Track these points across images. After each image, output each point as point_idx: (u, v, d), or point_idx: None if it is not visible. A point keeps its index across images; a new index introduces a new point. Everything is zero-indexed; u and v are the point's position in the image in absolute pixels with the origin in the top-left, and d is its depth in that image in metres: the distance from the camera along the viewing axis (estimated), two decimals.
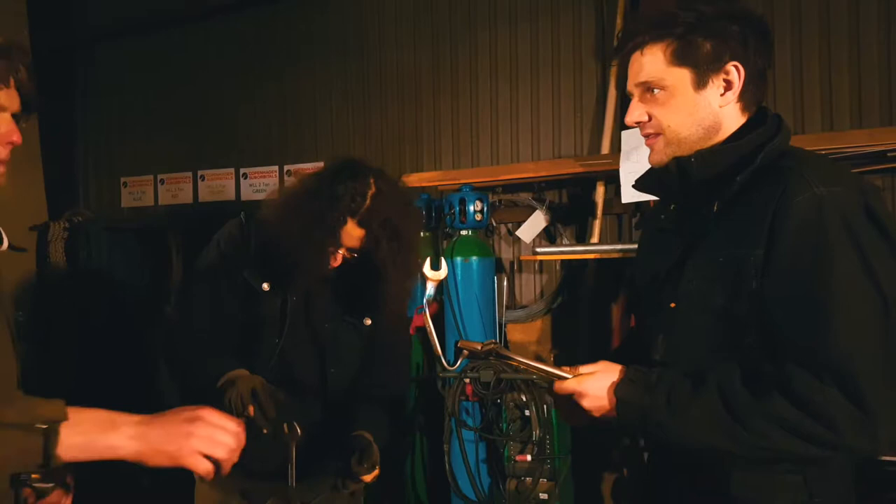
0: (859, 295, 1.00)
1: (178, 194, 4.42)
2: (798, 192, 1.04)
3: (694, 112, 1.15)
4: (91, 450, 0.95)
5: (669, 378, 1.10)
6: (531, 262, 3.54)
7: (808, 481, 1.08)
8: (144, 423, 0.98)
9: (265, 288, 1.68)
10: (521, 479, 2.61)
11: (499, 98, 3.64)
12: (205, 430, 0.98)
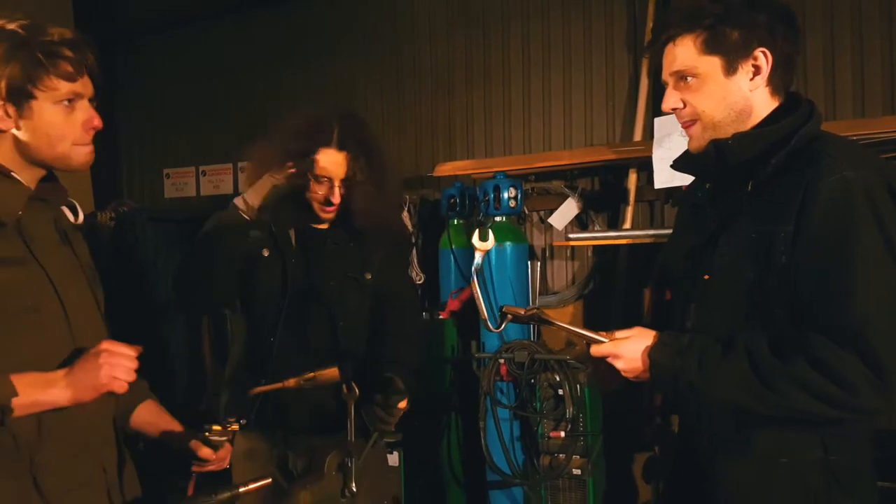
0: (881, 270, 1.08)
1: (220, 185, 4.55)
2: (827, 173, 1.12)
3: (726, 96, 1.22)
4: (37, 406, 1.13)
5: (701, 342, 1.17)
6: (563, 248, 3.59)
7: (825, 440, 1.15)
8: (69, 374, 1.15)
9: (265, 254, 1.80)
10: (555, 455, 2.68)
11: (531, 87, 3.69)
12: (109, 358, 1.15)
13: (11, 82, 1.17)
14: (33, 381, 1.11)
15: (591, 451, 2.65)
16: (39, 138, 1.21)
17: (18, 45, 1.17)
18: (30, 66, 1.17)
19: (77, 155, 1.25)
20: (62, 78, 1.20)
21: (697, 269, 1.26)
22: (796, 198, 1.13)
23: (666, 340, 1.20)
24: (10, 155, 1.21)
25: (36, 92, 1.18)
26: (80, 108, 1.24)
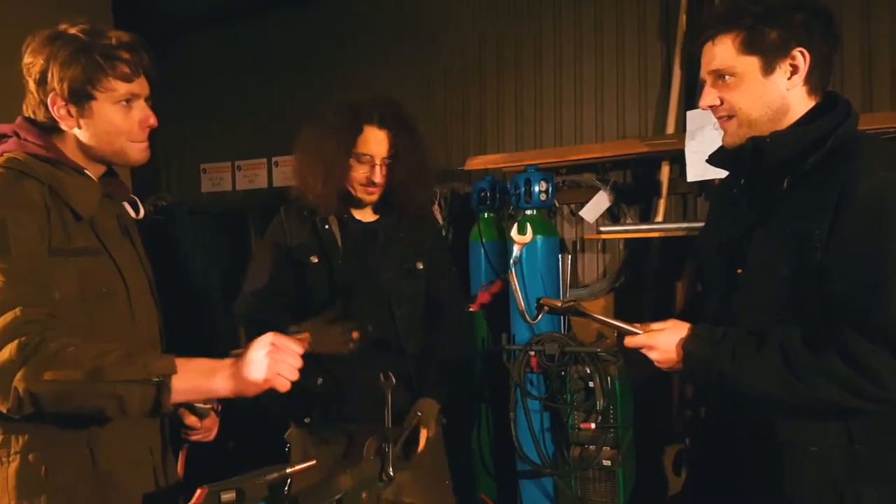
0: None
1: (255, 179, 4.65)
2: (864, 174, 1.14)
3: (763, 95, 1.25)
4: (196, 393, 1.18)
5: (734, 334, 1.20)
6: (594, 241, 3.59)
7: (850, 428, 1.18)
8: (234, 365, 1.17)
9: (314, 261, 1.84)
10: (585, 446, 2.70)
11: (563, 79, 3.69)
12: (276, 354, 1.17)
13: (73, 84, 1.25)
14: (199, 367, 1.15)
15: (622, 443, 2.67)
16: (99, 136, 1.29)
17: (79, 49, 1.25)
18: (90, 68, 1.25)
19: (133, 151, 1.33)
20: (120, 79, 1.27)
21: (731, 263, 1.28)
22: (832, 196, 1.15)
23: (700, 333, 1.22)
24: (75, 153, 1.29)
25: (95, 93, 1.26)
26: (137, 107, 1.31)
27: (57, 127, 1.30)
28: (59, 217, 1.22)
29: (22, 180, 1.21)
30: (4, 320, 1.06)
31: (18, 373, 1.04)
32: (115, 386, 1.07)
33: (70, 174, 1.28)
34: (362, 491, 1.36)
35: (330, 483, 1.31)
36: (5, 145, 1.29)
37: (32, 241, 1.17)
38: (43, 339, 1.07)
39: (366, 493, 1.36)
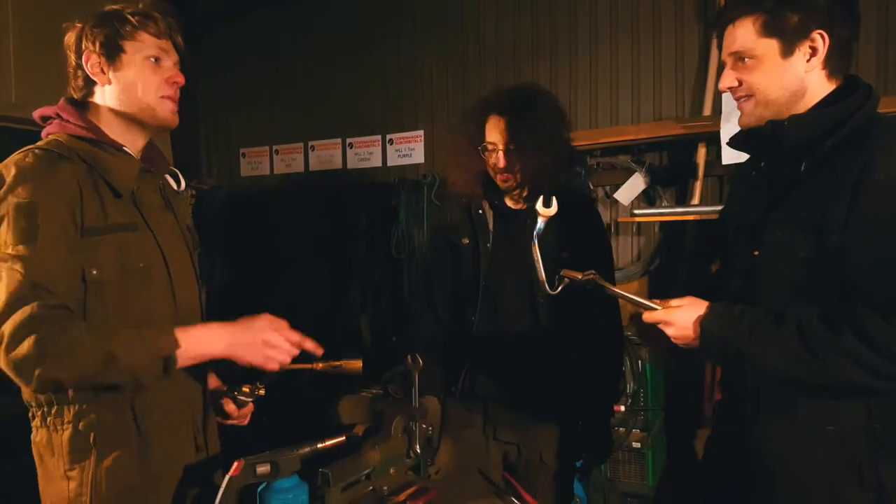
0: None
1: (292, 164, 4.72)
2: (883, 155, 1.14)
3: (782, 77, 1.24)
4: (199, 359, 1.28)
5: (752, 312, 1.20)
6: (629, 224, 3.57)
7: (870, 408, 1.18)
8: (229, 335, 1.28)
9: (465, 242, 1.93)
10: (615, 428, 2.73)
11: (598, 61, 3.66)
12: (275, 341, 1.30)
13: (105, 39, 1.33)
14: (198, 338, 1.25)
15: (651, 426, 2.68)
16: (129, 89, 1.35)
17: (111, 12, 1.35)
18: (120, 23, 1.33)
19: (162, 108, 1.38)
20: (149, 33, 1.35)
21: (749, 244, 1.28)
22: (850, 178, 1.15)
23: (718, 310, 1.23)
24: (111, 125, 1.36)
25: (126, 45, 1.34)
26: (165, 66, 1.37)
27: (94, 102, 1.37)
28: (97, 195, 1.28)
29: (58, 163, 1.26)
30: (22, 314, 1.12)
31: (38, 364, 1.12)
32: (128, 368, 1.18)
33: (109, 152, 1.33)
34: (390, 466, 1.41)
35: (360, 458, 1.37)
36: (49, 127, 1.37)
37: (61, 226, 1.22)
38: (59, 331, 1.13)
39: (394, 468, 1.42)
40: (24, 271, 1.15)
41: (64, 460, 1.25)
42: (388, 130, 4.35)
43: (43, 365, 1.12)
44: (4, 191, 1.20)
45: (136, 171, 1.36)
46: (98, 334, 1.17)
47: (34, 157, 1.25)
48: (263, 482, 1.17)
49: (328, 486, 1.28)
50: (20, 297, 1.13)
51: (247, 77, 4.90)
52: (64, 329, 1.14)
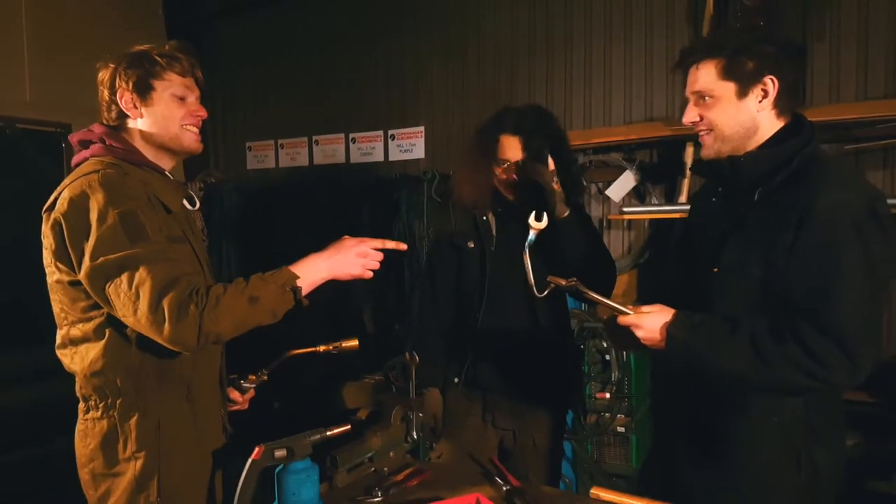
0: (857, 279, 1.29)
1: (296, 157, 4.87)
2: (822, 194, 1.32)
3: (737, 115, 1.42)
4: (313, 285, 1.48)
5: (711, 321, 1.38)
6: (620, 219, 3.73)
7: (807, 402, 1.39)
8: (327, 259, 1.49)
9: (470, 245, 2.09)
10: (601, 414, 2.91)
11: (592, 59, 3.79)
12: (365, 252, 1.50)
13: (137, 79, 1.49)
14: (304, 269, 1.45)
15: (636, 412, 2.86)
16: (158, 122, 1.51)
17: (142, 54, 1.51)
18: (150, 65, 1.50)
19: (187, 138, 1.55)
20: (175, 73, 1.52)
21: (709, 261, 1.46)
22: (795, 212, 1.33)
23: (682, 318, 1.41)
24: (149, 150, 1.53)
25: (155, 84, 1.50)
26: (189, 101, 1.54)
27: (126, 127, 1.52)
28: (154, 210, 1.45)
29: (126, 178, 1.41)
30: (176, 292, 1.30)
31: (202, 326, 1.31)
32: (270, 305, 1.38)
33: (154, 174, 1.51)
34: (390, 450, 1.60)
35: (363, 443, 1.55)
36: (91, 150, 1.51)
37: (156, 227, 1.40)
38: (206, 294, 1.33)
39: (393, 452, 1.60)
40: (151, 262, 1.33)
41: (132, 444, 1.43)
42: (389, 126, 4.49)
43: (205, 325, 1.31)
44: (104, 206, 1.35)
45: (177, 193, 1.54)
46: (235, 289, 1.37)
47: (112, 174, 1.41)
48: (280, 464, 1.35)
49: (336, 468, 1.47)
50: (166, 278, 1.32)
51: (252, 72, 5.02)
52: (210, 295, 1.34)
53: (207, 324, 1.32)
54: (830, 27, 3.16)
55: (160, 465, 1.43)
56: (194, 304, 1.32)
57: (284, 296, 1.40)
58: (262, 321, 1.41)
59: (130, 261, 1.33)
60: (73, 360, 1.46)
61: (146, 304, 1.31)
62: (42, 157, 3.41)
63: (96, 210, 1.35)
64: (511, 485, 1.47)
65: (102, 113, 1.54)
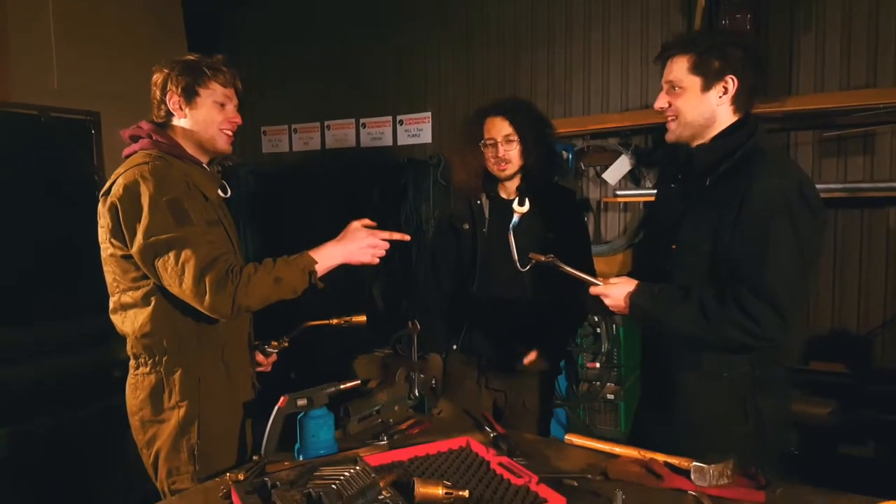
0: (787, 249, 1.51)
1: (309, 142, 5.07)
2: (759, 179, 1.54)
3: (698, 106, 1.63)
4: (328, 269, 1.71)
5: (667, 289, 1.61)
6: (615, 202, 3.92)
7: (752, 361, 1.61)
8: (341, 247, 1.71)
9: (465, 227, 2.31)
10: (592, 382, 3.14)
11: (591, 50, 3.96)
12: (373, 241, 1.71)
13: (185, 84, 1.71)
14: (325, 254, 1.69)
15: (624, 381, 3.08)
16: (198, 123, 1.73)
17: (193, 64, 1.73)
18: (197, 74, 1.72)
19: (221, 140, 1.77)
20: (218, 83, 1.73)
21: (668, 239, 1.68)
22: (738, 195, 1.55)
23: (643, 288, 1.64)
24: (189, 145, 1.75)
25: (200, 91, 1.72)
26: (227, 109, 1.76)
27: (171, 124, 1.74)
28: (195, 198, 1.67)
29: (171, 170, 1.62)
30: (217, 270, 1.54)
31: (237, 299, 1.55)
32: (291, 283, 1.62)
33: (193, 166, 1.73)
34: (395, 405, 1.83)
35: (372, 398, 1.79)
36: (140, 144, 1.73)
37: (198, 213, 1.62)
38: (241, 275, 1.57)
39: (398, 406, 1.84)
40: (194, 243, 1.56)
41: (175, 395, 1.67)
42: (398, 111, 4.68)
43: (238, 298, 1.56)
44: (153, 193, 1.58)
45: (215, 182, 1.77)
46: (264, 269, 1.61)
47: (160, 165, 1.63)
48: (301, 412, 1.59)
49: (348, 417, 1.71)
50: (207, 258, 1.56)
51: (267, 58, 5.21)
52: (243, 273, 1.58)
53: (241, 297, 1.56)
54: (816, 18, 3.32)
55: (200, 413, 1.67)
56: (231, 281, 1.56)
57: (304, 277, 1.64)
58: (285, 297, 1.65)
59: (177, 241, 1.56)
60: (125, 323, 1.70)
61: (190, 279, 1.54)
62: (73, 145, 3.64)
63: (147, 196, 1.58)
64: (497, 432, 1.71)
65: (153, 110, 1.76)
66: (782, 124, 3.37)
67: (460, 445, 1.56)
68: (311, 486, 1.26)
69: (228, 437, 1.72)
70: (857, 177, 3.25)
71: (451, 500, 1.23)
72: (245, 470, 1.47)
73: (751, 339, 1.52)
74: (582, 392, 3.18)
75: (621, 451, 1.54)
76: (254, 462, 1.52)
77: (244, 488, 1.33)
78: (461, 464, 1.47)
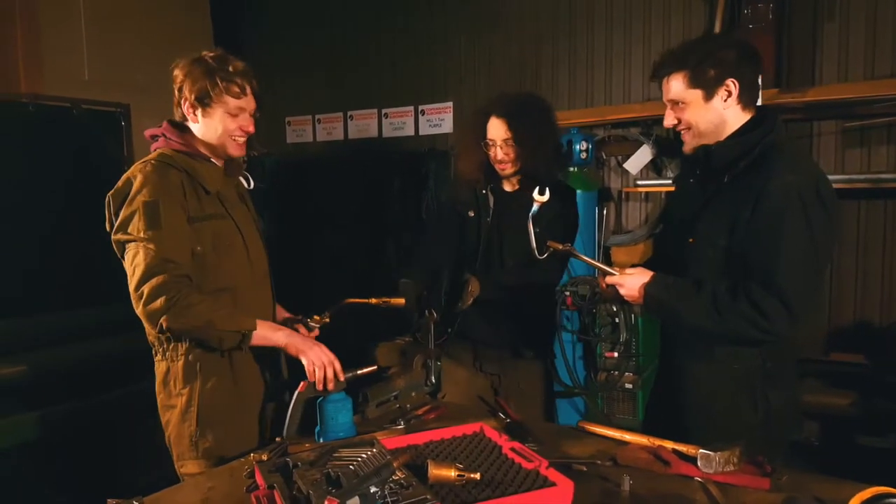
0: (799, 245, 1.53)
1: (332, 132, 5.14)
2: (775, 177, 1.56)
3: (706, 115, 1.66)
4: (265, 341, 1.69)
5: (680, 282, 1.64)
6: (637, 192, 3.93)
7: (762, 353, 1.63)
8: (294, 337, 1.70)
9: (471, 214, 2.36)
10: (610, 371, 3.17)
11: (613, 39, 3.96)
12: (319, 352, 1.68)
13: (199, 94, 1.75)
14: (268, 327, 1.70)
15: (642, 370, 3.11)
16: (210, 130, 1.78)
17: (207, 72, 1.75)
18: (211, 86, 1.75)
19: (231, 147, 1.81)
20: (231, 96, 1.76)
21: (685, 233, 1.71)
22: (754, 192, 1.57)
23: (658, 279, 1.67)
24: (202, 145, 1.80)
25: (212, 103, 1.76)
26: (241, 118, 1.80)
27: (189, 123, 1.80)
28: (195, 194, 1.73)
29: (167, 170, 1.68)
30: (158, 280, 1.57)
31: (163, 316, 1.57)
32: (219, 332, 1.62)
33: (201, 162, 1.78)
34: (412, 391, 1.89)
35: (390, 383, 1.85)
36: (157, 143, 1.81)
37: (176, 217, 1.65)
38: (180, 296, 1.57)
39: (415, 392, 1.90)
40: (155, 249, 1.62)
41: (179, 382, 1.74)
42: (420, 101, 4.73)
43: (167, 317, 1.59)
44: (134, 192, 1.65)
45: (220, 176, 1.82)
46: (206, 304, 1.63)
47: (152, 167, 1.70)
48: (321, 396, 1.65)
49: (367, 402, 1.77)
50: (154, 267, 1.61)
51: (291, 49, 5.27)
52: (185, 296, 1.61)
53: (170, 317, 1.59)
54: (840, 7, 3.28)
55: (200, 401, 1.74)
56: (168, 298, 1.59)
57: (235, 336, 1.64)
58: (208, 341, 1.66)
59: (136, 242, 1.63)
60: None
61: (133, 282, 1.62)
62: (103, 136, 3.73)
63: (129, 195, 1.66)
64: (511, 418, 1.75)
65: (174, 108, 1.82)
66: (805, 114, 3.35)
67: (474, 431, 1.61)
68: (330, 466, 1.31)
69: (231, 426, 1.77)
70: (880, 167, 3.22)
71: (463, 481, 1.28)
72: (268, 450, 1.54)
73: (759, 333, 1.55)
74: (600, 381, 3.21)
75: (631, 438, 1.58)
76: (276, 443, 1.58)
77: (267, 467, 1.39)
78: (474, 448, 1.52)
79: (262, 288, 1.90)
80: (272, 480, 1.33)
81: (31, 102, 3.50)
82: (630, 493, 1.32)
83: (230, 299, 1.76)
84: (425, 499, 1.18)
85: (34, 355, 3.23)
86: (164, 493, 1.41)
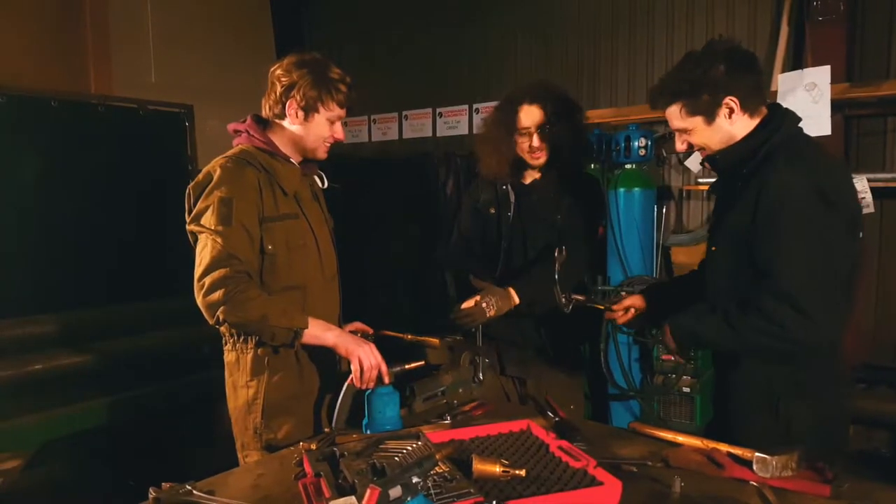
0: (802, 247, 1.47)
1: (387, 132, 5.19)
2: (774, 178, 1.50)
3: (714, 135, 1.62)
4: (316, 340, 1.71)
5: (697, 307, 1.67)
6: (698, 189, 3.82)
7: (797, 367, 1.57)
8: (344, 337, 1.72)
9: (492, 211, 2.34)
10: (668, 375, 3.08)
11: (674, 35, 3.86)
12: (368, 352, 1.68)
13: (309, 101, 1.79)
14: (320, 326, 1.71)
15: (701, 374, 3.01)
16: (307, 134, 1.82)
17: (319, 80, 1.79)
18: (323, 95, 1.79)
19: (320, 150, 1.87)
20: (337, 104, 1.81)
21: (711, 242, 1.69)
22: (755, 195, 1.51)
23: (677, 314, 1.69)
24: (286, 144, 1.84)
25: (320, 108, 1.80)
26: (336, 126, 1.85)
27: (279, 123, 1.84)
28: (272, 193, 1.77)
29: (244, 168, 1.73)
30: (220, 273, 1.61)
31: (221, 308, 1.60)
32: (272, 328, 1.64)
33: (280, 161, 1.82)
34: (459, 387, 1.88)
35: (437, 379, 1.84)
36: (239, 139, 1.86)
37: (248, 215, 1.69)
38: (238, 290, 1.61)
39: (462, 388, 1.89)
40: (223, 243, 1.66)
41: (247, 374, 1.79)
42: (474, 100, 4.72)
43: (224, 308, 1.63)
44: (212, 187, 1.70)
45: (298, 177, 1.86)
46: (262, 300, 1.66)
47: (232, 163, 1.75)
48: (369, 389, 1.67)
49: (414, 396, 1.77)
50: (219, 260, 1.65)
51: (350, 49, 5.34)
52: (243, 290, 1.64)
53: (226, 308, 1.62)
54: None
55: (266, 394, 1.77)
56: (225, 290, 1.62)
57: (287, 333, 1.66)
58: (262, 336, 1.69)
59: (206, 234, 1.67)
60: None
61: (198, 272, 1.66)
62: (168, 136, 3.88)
63: (208, 188, 1.70)
64: (559, 416, 1.72)
65: (264, 104, 1.85)
66: (877, 109, 3.18)
67: (521, 428, 1.59)
68: (376, 457, 1.32)
69: (294, 419, 1.80)
70: None
71: (507, 477, 1.27)
72: (317, 440, 1.56)
73: (780, 343, 1.49)
74: (656, 384, 3.13)
75: (684, 440, 1.53)
76: (325, 434, 1.61)
77: (315, 456, 1.41)
78: (521, 445, 1.50)
79: (331, 288, 1.95)
80: (319, 469, 1.35)
81: (101, 104, 3.67)
82: (681, 495, 1.27)
83: (300, 297, 1.81)
84: (468, 492, 1.18)
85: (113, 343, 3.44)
86: (216, 479, 1.45)
